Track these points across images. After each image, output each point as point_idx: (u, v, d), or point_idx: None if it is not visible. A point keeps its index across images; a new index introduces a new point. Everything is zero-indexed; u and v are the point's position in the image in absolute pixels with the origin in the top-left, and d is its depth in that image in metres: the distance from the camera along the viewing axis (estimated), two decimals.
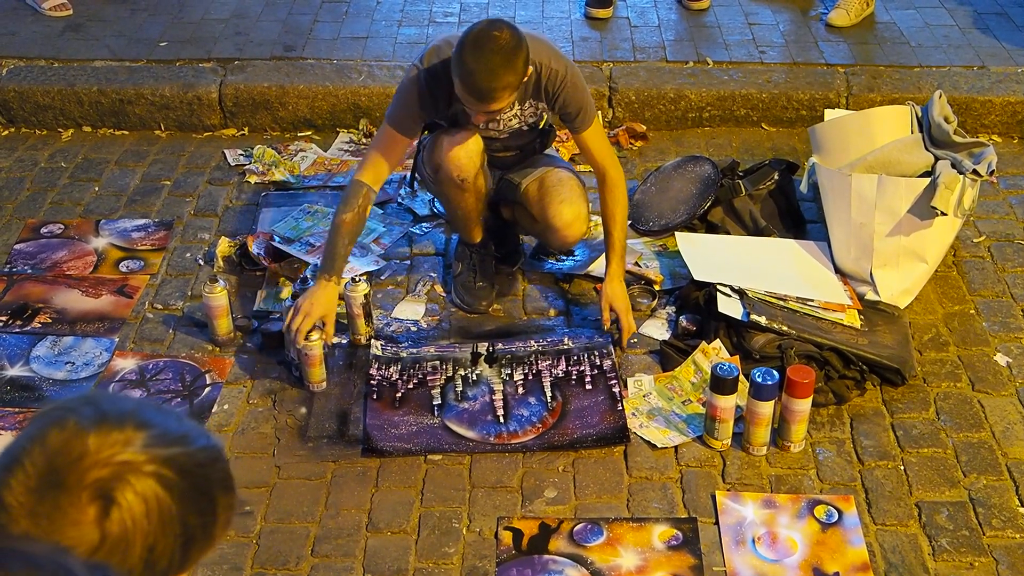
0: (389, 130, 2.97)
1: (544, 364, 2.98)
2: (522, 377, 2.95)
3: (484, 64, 2.64)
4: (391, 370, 2.96)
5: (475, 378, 2.94)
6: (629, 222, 3.47)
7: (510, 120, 3.03)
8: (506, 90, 2.69)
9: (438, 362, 2.99)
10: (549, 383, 2.92)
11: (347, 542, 2.50)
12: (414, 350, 3.02)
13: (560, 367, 2.97)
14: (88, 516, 1.01)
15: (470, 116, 2.88)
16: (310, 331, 2.84)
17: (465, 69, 2.67)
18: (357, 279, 3.01)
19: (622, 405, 2.83)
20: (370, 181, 2.97)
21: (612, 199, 3.06)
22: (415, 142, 3.17)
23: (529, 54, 2.72)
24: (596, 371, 2.95)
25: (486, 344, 3.05)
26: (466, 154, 2.97)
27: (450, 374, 2.95)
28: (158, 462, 1.05)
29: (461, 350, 3.03)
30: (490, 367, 2.98)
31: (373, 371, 2.95)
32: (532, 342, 3.06)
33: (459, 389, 2.91)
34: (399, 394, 2.89)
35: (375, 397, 2.88)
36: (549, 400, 2.87)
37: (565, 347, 3.04)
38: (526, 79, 2.76)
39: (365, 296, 3.01)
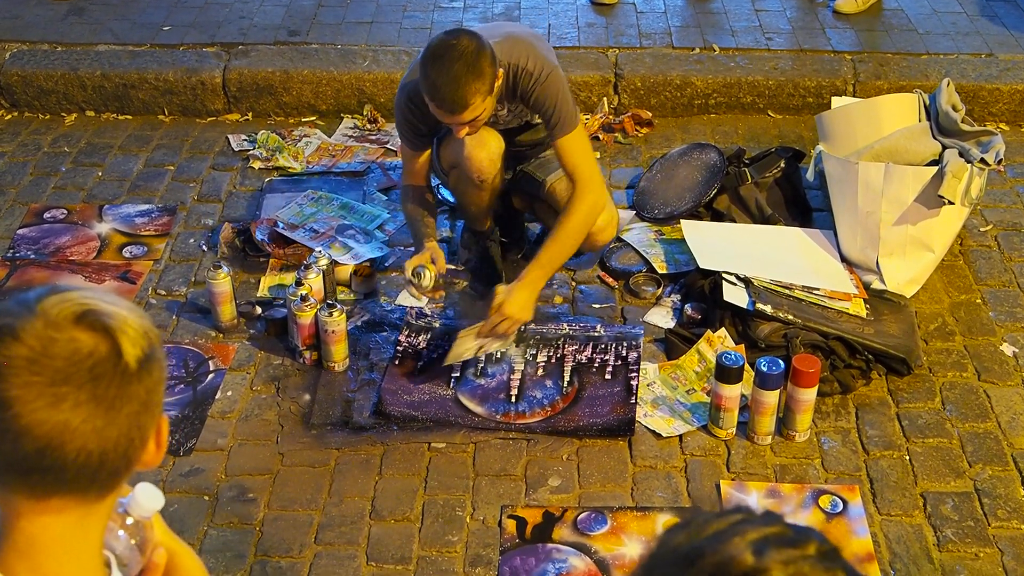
0: (404, 148, 3.05)
1: (571, 348, 2.98)
2: (545, 359, 2.94)
3: (447, 75, 2.60)
4: (420, 338, 3.01)
5: (499, 355, 2.95)
6: (634, 211, 3.45)
7: (509, 120, 3.01)
8: (475, 96, 2.63)
9: None
10: (570, 367, 2.92)
11: (350, 530, 2.50)
12: (448, 321, 3.06)
13: (585, 353, 2.96)
14: None
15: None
16: (333, 308, 2.83)
17: (429, 83, 2.64)
18: (334, 307, 2.84)
19: (635, 399, 2.82)
20: (415, 182, 3.06)
21: (565, 211, 2.86)
22: None
23: (494, 57, 2.67)
24: (620, 362, 2.93)
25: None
26: (487, 155, 2.94)
27: None
28: None
29: None
30: (516, 346, 2.98)
31: (402, 337, 3.01)
32: (564, 325, 3.06)
33: (480, 364, 2.92)
34: (422, 363, 2.93)
35: (397, 363, 2.92)
36: (565, 385, 2.87)
37: (596, 334, 3.03)
38: (498, 82, 2.70)
39: (341, 322, 2.86)
